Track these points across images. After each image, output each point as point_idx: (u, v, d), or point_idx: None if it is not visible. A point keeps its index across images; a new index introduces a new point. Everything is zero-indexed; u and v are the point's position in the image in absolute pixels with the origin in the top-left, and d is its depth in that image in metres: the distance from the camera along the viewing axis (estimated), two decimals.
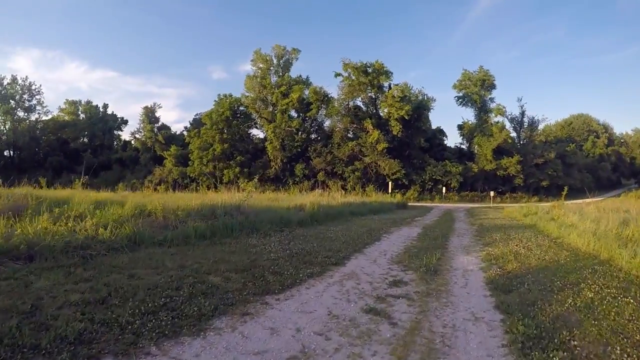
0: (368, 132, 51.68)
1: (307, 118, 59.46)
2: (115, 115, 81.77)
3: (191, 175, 61.05)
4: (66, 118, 77.84)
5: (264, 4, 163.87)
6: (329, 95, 57.09)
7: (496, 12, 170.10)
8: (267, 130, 57.94)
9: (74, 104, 79.81)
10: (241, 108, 63.01)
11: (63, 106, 79.28)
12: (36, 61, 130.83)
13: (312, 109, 56.50)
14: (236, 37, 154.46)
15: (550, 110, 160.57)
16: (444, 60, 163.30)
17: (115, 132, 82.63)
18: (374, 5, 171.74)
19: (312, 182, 53.25)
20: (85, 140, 77.72)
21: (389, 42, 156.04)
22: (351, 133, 55.98)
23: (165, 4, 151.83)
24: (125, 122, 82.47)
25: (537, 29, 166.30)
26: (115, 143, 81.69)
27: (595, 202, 48.89)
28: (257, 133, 65.39)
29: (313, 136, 61.16)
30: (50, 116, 76.38)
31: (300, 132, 57.15)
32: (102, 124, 78.82)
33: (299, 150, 55.77)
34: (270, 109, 60.27)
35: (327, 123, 59.57)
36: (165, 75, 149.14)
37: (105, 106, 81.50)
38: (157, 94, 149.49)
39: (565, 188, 37.04)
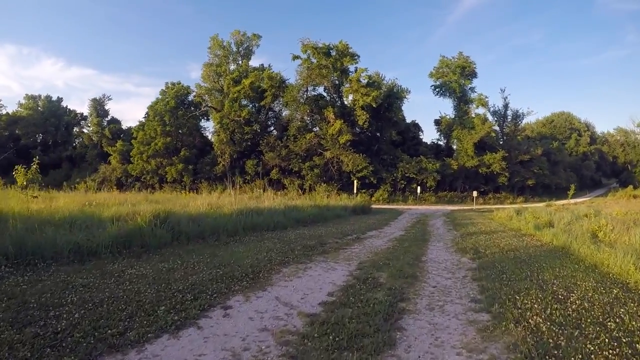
0: (329, 122, 43.66)
1: (262, 107, 51.10)
2: (73, 111, 72.87)
3: (133, 174, 52.59)
4: (24, 114, 69.34)
5: (245, 2, 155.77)
6: (287, 81, 48.84)
7: (474, 15, 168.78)
8: (214, 121, 49.55)
9: (32, 98, 71.48)
10: (190, 98, 54.72)
11: (22, 101, 71.36)
12: (11, 57, 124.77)
13: (266, 97, 48.10)
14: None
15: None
16: (421, 63, 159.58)
17: (76, 129, 73.75)
18: (351, 4, 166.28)
19: (265, 180, 45.12)
20: (41, 136, 69.54)
21: (365, 43, 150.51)
22: (310, 124, 47.90)
23: (144, 0, 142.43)
24: (85, 118, 73.04)
25: (514, 33, 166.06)
26: (77, 141, 72.73)
27: (585, 202, 42.67)
28: (208, 126, 57.02)
29: (270, 129, 53.03)
30: (5, 112, 69.24)
31: (253, 123, 48.65)
32: (55, 119, 69.73)
33: (249, 144, 47.38)
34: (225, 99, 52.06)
35: (286, 113, 51.27)
36: (143, 73, 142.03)
37: (60, 100, 72.45)
38: (135, 92, 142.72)
39: (572, 187, 30.56)
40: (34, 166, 10.02)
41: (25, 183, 9.47)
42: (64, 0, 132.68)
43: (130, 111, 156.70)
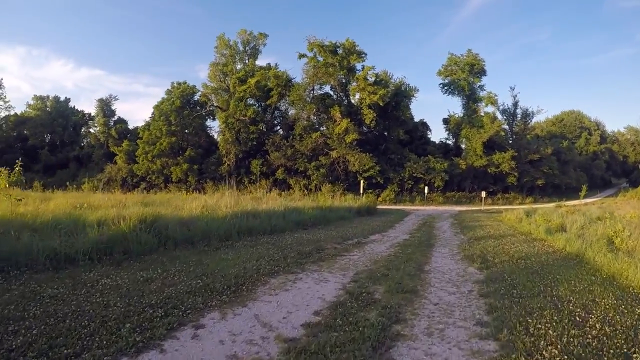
0: (335, 121, 43.02)
1: (268, 107, 50.57)
2: (81, 111, 72.83)
3: (139, 174, 52.43)
4: (32, 114, 69.52)
5: (253, 2, 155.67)
6: (293, 80, 48.27)
7: (481, 14, 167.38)
8: (220, 120, 49.20)
9: (41, 99, 71.57)
10: (196, 97, 54.42)
11: (31, 102, 71.53)
12: (22, 58, 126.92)
13: (272, 96, 47.58)
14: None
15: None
16: (428, 62, 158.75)
17: (84, 129, 73.70)
18: (358, 3, 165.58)
19: (270, 180, 44.63)
20: (49, 137, 69.49)
21: (372, 42, 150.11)
22: (316, 123, 47.28)
23: (152, 1, 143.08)
24: (92, 118, 72.99)
25: (522, 31, 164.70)
26: (84, 141, 72.81)
27: (595, 202, 41.58)
28: (214, 126, 56.72)
29: (276, 128, 52.58)
30: (13, 112, 68.94)
31: (258, 123, 48.10)
32: (63, 119, 69.81)
33: (255, 143, 46.87)
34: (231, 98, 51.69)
35: (292, 113, 50.67)
36: (152, 74, 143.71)
37: (67, 100, 72.62)
38: (144, 93, 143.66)
39: (584, 187, 29.58)
40: (17, 168, 9.57)
41: (7, 185, 9.01)
42: (74, 1, 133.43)
43: (139, 111, 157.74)
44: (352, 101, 46.64)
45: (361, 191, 35.29)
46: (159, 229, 9.46)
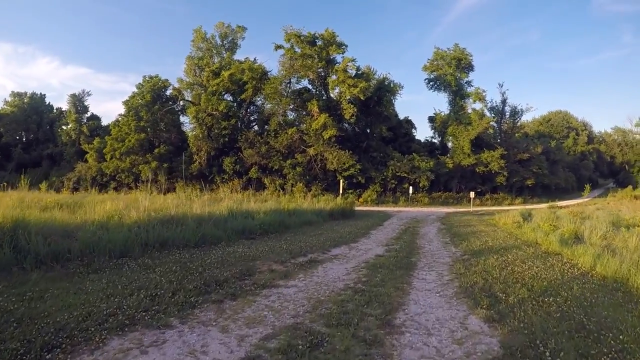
0: (313, 116, 39.90)
1: (242, 102, 47.22)
2: (59, 108, 69.18)
3: (107, 172, 48.74)
4: (8, 111, 66.36)
5: (242, 2, 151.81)
6: (269, 73, 45.03)
7: (470, 16, 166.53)
8: (190, 115, 45.80)
9: (18, 96, 68.21)
10: (168, 92, 50.88)
11: (8, 99, 68.34)
12: (7, 56, 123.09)
13: (247, 90, 44.25)
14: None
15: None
16: (416, 65, 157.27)
17: (62, 126, 69.32)
18: (348, 3, 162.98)
19: (244, 180, 41.40)
20: (23, 134, 66.72)
21: (362, 42, 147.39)
22: (294, 119, 44.13)
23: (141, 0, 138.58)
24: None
25: (511, 33, 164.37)
26: (60, 139, 68.68)
27: (586, 202, 39.41)
28: (188, 122, 53.22)
29: (252, 124, 49.29)
30: None
31: (231, 118, 44.70)
32: (37, 116, 66.40)
33: (227, 140, 43.49)
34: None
35: (268, 107, 47.32)
36: (139, 73, 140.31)
37: (42, 96, 69.10)
38: (130, 92, 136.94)
39: (588, 186, 27.10)
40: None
41: None
42: None
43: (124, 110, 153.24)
44: (332, 95, 43.53)
45: (340, 191, 32.31)
46: (18, 241, 6.39)
